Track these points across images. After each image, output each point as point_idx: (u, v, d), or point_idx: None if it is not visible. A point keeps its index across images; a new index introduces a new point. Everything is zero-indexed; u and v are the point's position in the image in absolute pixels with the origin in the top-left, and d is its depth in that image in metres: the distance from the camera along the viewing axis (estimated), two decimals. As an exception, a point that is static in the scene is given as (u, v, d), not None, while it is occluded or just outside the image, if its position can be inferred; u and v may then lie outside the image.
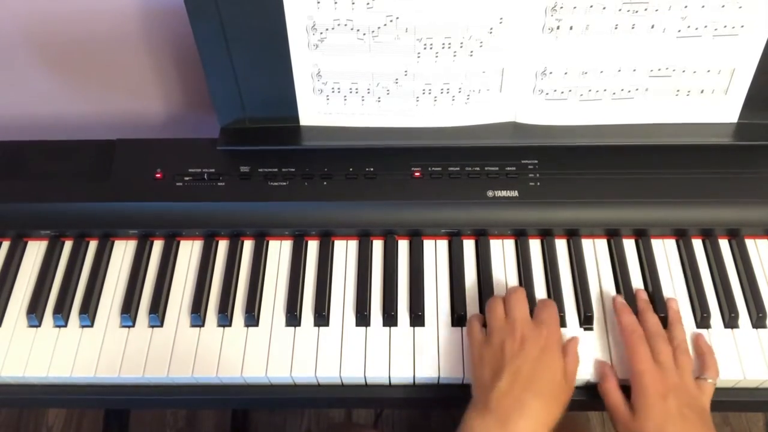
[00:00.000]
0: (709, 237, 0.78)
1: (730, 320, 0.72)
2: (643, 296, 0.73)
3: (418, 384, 0.71)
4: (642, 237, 0.78)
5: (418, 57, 0.73)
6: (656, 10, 0.69)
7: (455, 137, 0.79)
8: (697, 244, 0.78)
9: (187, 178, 0.78)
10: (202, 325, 0.74)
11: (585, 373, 0.69)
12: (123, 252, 0.80)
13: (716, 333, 0.72)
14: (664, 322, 0.70)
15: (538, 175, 0.77)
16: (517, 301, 0.68)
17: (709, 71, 0.74)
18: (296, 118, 0.80)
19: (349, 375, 0.70)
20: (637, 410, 0.63)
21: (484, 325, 0.70)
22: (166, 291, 0.76)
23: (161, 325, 0.74)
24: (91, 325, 0.74)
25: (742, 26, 0.71)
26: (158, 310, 0.74)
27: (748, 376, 0.68)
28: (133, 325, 0.74)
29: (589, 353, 0.70)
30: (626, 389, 0.66)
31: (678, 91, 0.76)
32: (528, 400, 0.60)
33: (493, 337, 0.65)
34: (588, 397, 0.70)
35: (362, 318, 0.73)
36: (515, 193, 0.76)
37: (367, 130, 0.80)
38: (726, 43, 0.72)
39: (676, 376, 0.64)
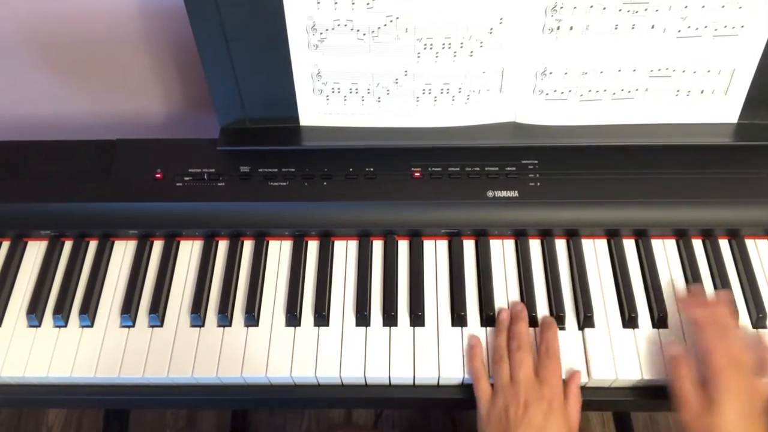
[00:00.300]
0: (709, 237, 0.78)
1: (730, 320, 0.72)
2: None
3: (418, 384, 0.71)
4: (642, 237, 0.78)
5: (418, 57, 0.73)
6: (656, 10, 0.69)
7: (455, 137, 0.79)
8: (697, 244, 0.78)
9: (187, 178, 0.79)
10: (202, 326, 0.74)
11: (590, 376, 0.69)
12: (123, 252, 0.80)
13: (716, 333, 0.72)
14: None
15: (538, 175, 0.77)
16: (521, 360, 0.67)
17: (709, 71, 0.74)
18: (296, 119, 0.80)
19: (349, 375, 0.70)
20: (711, 405, 0.61)
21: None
22: (166, 291, 0.76)
23: (161, 325, 0.74)
24: (91, 325, 0.74)
25: (742, 26, 0.71)
26: (158, 310, 0.74)
27: (748, 376, 0.68)
28: (133, 325, 0.74)
29: (593, 352, 0.70)
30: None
31: (678, 91, 0.76)
32: None
33: (498, 398, 0.66)
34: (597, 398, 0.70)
35: (362, 318, 0.73)
36: (515, 193, 0.76)
37: (367, 130, 0.80)
38: (726, 44, 0.72)
39: (750, 374, 0.64)
